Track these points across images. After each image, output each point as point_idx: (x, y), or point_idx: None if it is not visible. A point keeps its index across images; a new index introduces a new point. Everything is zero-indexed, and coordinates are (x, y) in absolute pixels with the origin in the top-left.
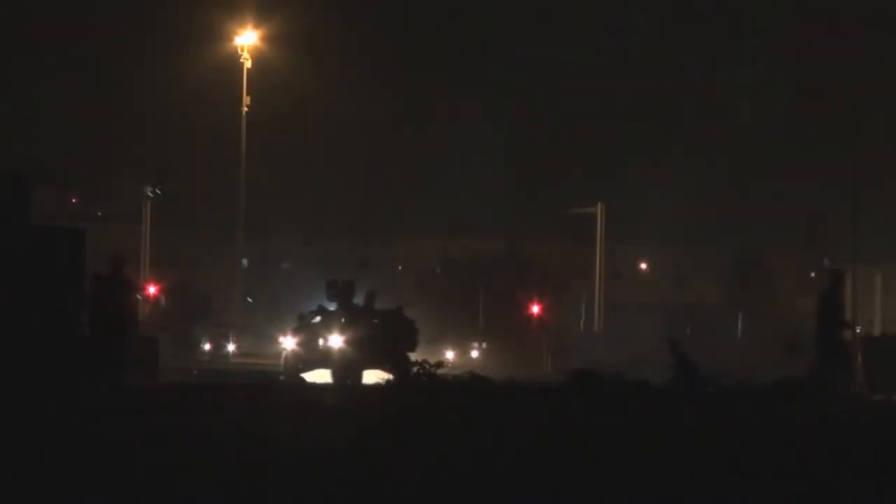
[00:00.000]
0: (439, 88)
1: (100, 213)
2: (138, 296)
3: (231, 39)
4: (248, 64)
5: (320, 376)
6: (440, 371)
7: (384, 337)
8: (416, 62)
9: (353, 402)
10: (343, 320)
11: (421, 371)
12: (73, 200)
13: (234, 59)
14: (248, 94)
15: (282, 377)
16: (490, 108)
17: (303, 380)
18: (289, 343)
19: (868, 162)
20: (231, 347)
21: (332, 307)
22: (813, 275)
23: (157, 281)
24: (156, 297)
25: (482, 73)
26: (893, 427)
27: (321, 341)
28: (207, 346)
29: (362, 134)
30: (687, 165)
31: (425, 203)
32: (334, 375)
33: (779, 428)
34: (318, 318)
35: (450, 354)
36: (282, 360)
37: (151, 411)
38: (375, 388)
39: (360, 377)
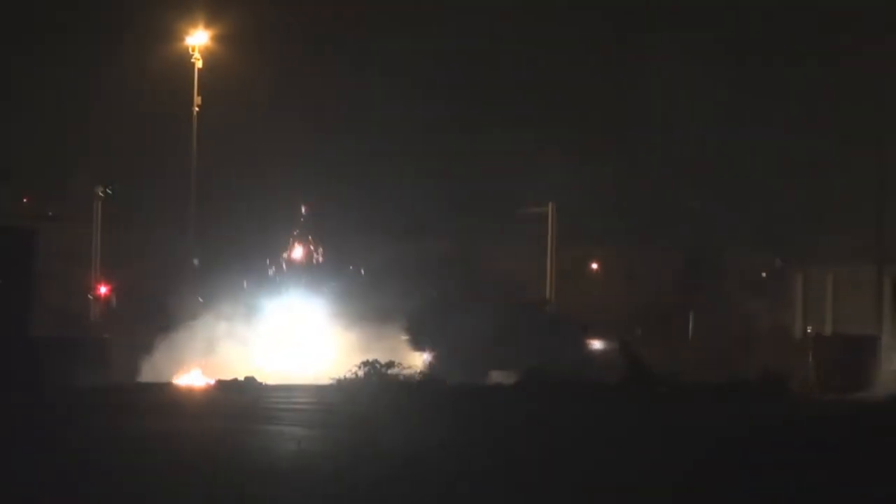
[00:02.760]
0: (391, 87)
1: (51, 213)
2: (89, 296)
3: (182, 39)
4: (199, 64)
5: None
6: (391, 371)
7: None
8: (370, 62)
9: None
10: None
11: (371, 371)
12: (25, 200)
13: (185, 59)
14: (198, 94)
15: None
16: (442, 108)
17: None
18: None
19: (822, 161)
20: None
21: None
22: (764, 275)
23: (107, 281)
24: (107, 298)
25: (435, 72)
26: (847, 425)
27: None
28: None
29: (315, 133)
30: (638, 164)
31: (378, 203)
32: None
33: (729, 425)
34: None
35: (427, 356)
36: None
37: (100, 411)
38: (330, 388)
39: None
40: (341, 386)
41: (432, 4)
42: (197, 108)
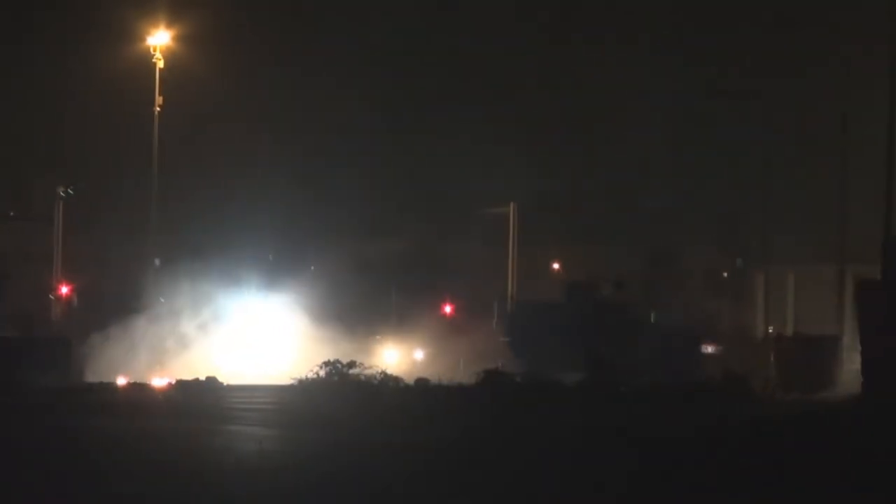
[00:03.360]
0: (351, 87)
1: (12, 213)
2: (50, 296)
3: (144, 39)
4: (160, 64)
5: None
6: (352, 371)
7: None
8: (330, 62)
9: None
10: None
11: (333, 371)
12: None
13: (147, 59)
14: (160, 95)
15: None
16: (402, 108)
17: None
18: None
19: (781, 161)
20: None
21: None
22: (726, 275)
23: (69, 281)
24: (68, 298)
25: (395, 72)
26: (808, 425)
27: None
28: None
29: (277, 134)
30: (598, 164)
31: (340, 203)
32: None
33: (691, 426)
34: None
35: (393, 355)
36: None
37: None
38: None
39: None
40: (303, 386)
41: (392, 4)
42: (158, 109)
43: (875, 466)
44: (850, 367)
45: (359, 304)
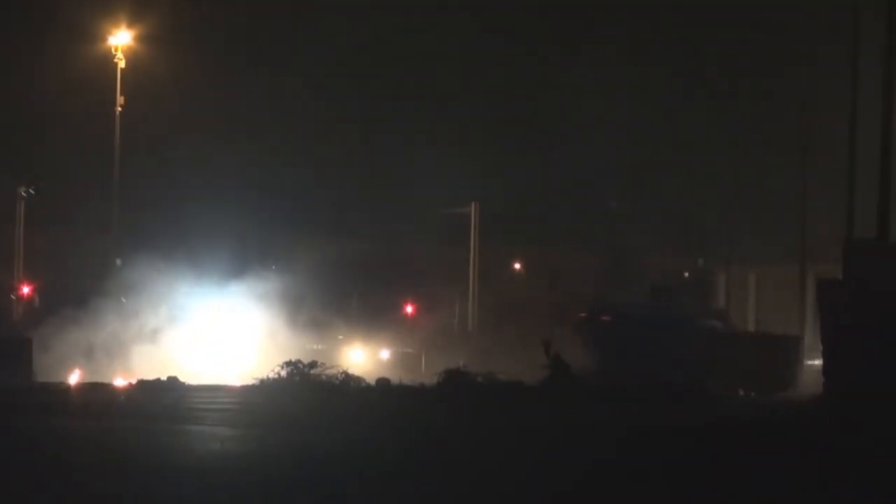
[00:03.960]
0: (311, 86)
1: None
2: (11, 296)
3: (105, 39)
4: (121, 64)
5: None
6: (314, 371)
7: None
8: (289, 61)
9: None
10: None
11: (294, 371)
12: None
13: (108, 59)
14: (122, 94)
15: None
16: (365, 108)
17: None
18: None
19: (742, 162)
20: None
21: None
22: (687, 274)
23: (30, 281)
24: (29, 298)
25: (357, 71)
26: (765, 424)
27: None
28: None
29: (239, 133)
30: (560, 166)
31: (304, 203)
32: None
33: (652, 426)
34: None
35: (360, 354)
36: None
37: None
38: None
39: None
40: (264, 386)
41: (355, 5)
42: (120, 109)
43: (834, 466)
44: (811, 367)
45: (322, 304)
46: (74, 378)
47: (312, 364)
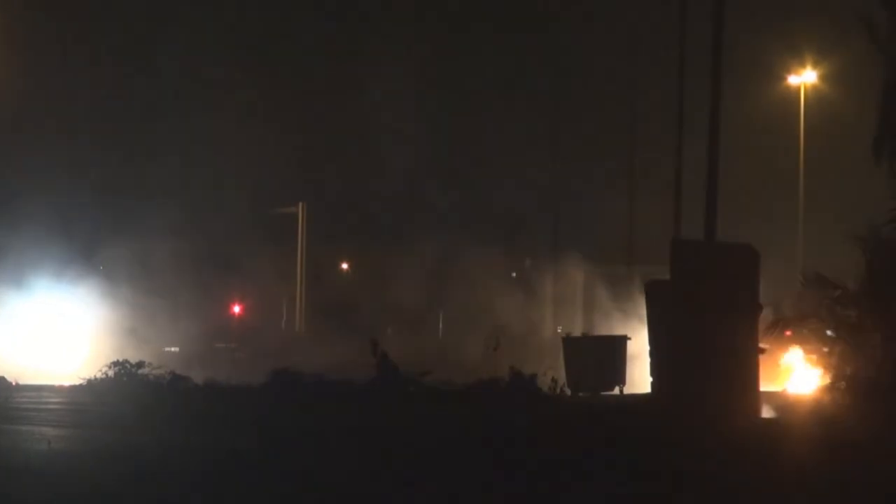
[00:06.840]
0: (159, 85)
1: None
2: None
3: None
4: None
5: None
6: (141, 371)
7: None
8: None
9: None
10: None
11: (122, 371)
12: None
13: None
14: None
15: None
16: (191, 103)
17: None
18: None
19: (569, 164)
20: None
21: None
22: (514, 275)
23: None
24: None
25: (206, 68)
26: (593, 424)
27: None
28: None
29: (64, 129)
30: (386, 165)
31: (131, 202)
32: None
33: (478, 425)
34: None
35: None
36: None
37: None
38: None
39: None
40: (91, 386)
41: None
42: None
43: (658, 463)
44: (639, 366)
45: (150, 304)
46: None
47: (140, 364)
